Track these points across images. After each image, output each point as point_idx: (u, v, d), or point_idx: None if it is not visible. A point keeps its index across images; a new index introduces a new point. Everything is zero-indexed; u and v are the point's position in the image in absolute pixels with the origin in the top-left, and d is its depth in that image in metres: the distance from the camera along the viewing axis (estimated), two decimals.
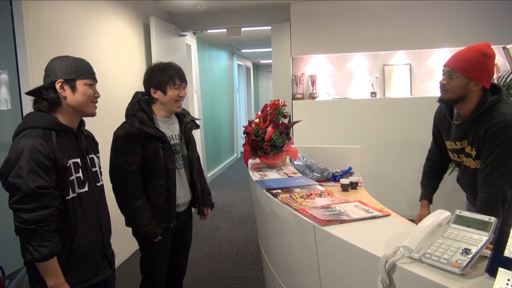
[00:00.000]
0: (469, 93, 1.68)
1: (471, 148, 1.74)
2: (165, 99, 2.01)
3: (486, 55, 1.66)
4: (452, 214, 1.02)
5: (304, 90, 4.61)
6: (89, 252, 1.56)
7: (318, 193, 1.63)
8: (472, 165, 1.79)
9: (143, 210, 1.93)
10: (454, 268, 0.85)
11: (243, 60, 9.55)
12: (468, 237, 0.93)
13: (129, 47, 3.75)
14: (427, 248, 0.94)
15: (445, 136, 1.94)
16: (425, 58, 4.39)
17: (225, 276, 3.17)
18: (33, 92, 1.51)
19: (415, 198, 4.46)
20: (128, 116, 2.00)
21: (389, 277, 0.96)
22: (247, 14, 4.66)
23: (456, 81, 1.67)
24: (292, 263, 1.64)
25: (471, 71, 1.65)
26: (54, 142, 1.45)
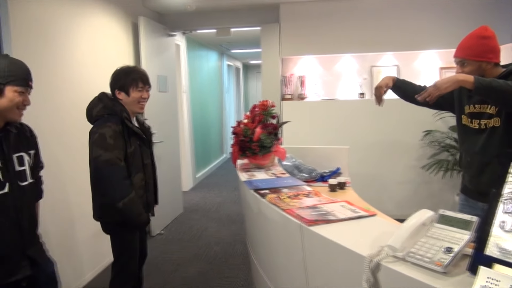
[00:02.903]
0: (485, 71, 1.83)
1: (494, 109, 1.82)
2: (128, 100, 2.12)
3: (485, 36, 1.84)
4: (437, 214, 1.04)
5: (293, 90, 4.63)
6: (3, 253, 1.54)
7: (306, 194, 1.64)
8: (491, 124, 1.84)
9: (136, 200, 2.03)
10: (437, 267, 0.87)
11: (232, 60, 9.54)
12: (450, 236, 0.95)
13: (117, 46, 3.72)
14: (411, 247, 0.95)
15: (465, 100, 1.98)
16: (412, 60, 4.44)
17: (213, 277, 3.17)
18: None
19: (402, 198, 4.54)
20: (106, 114, 2.05)
21: (374, 276, 0.97)
22: (237, 15, 4.66)
23: (469, 67, 1.84)
24: (279, 263, 1.65)
25: (478, 55, 1.82)
26: None
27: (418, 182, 4.26)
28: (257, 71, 11.66)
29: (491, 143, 1.86)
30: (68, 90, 2.95)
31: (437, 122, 4.06)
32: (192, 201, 5.45)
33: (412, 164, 4.26)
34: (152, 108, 4.02)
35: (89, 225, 3.14)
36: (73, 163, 2.97)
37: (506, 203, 0.87)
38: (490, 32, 1.86)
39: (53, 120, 2.78)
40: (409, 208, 1.08)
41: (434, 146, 4.14)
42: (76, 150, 3.00)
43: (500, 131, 1.83)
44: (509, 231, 0.84)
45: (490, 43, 1.84)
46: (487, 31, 1.86)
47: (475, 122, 1.93)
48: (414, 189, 4.30)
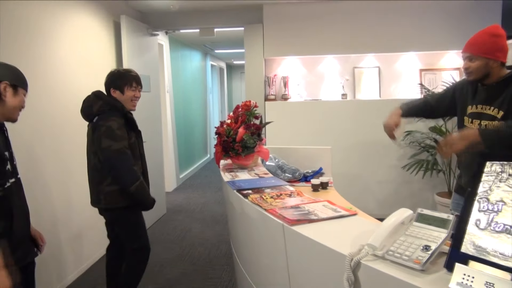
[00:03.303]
0: (491, 70, 1.86)
1: (497, 111, 1.85)
2: (122, 98, 2.36)
3: (496, 34, 1.86)
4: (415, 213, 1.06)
5: (276, 91, 4.65)
6: (23, 235, 1.69)
7: (288, 193, 1.65)
8: (494, 127, 1.86)
9: (144, 184, 2.30)
10: (415, 265, 0.89)
11: (216, 60, 9.52)
12: (428, 235, 0.97)
13: (99, 45, 3.66)
14: (390, 246, 0.97)
15: (469, 100, 2.02)
16: (393, 62, 4.52)
17: (197, 278, 3.15)
18: None
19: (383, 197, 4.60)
20: (107, 109, 2.26)
21: (354, 275, 0.98)
22: (220, 15, 4.65)
23: (477, 62, 1.86)
24: (262, 263, 1.66)
25: (487, 51, 1.84)
26: None
27: (399, 182, 4.34)
28: (241, 71, 11.66)
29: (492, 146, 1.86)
30: (51, 89, 2.91)
31: (418, 123, 4.13)
32: (176, 202, 5.42)
33: (393, 164, 4.33)
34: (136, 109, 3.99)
35: (72, 225, 3.10)
36: (55, 163, 2.92)
37: (481, 201, 0.89)
38: (501, 31, 1.88)
39: (36, 120, 2.72)
40: (390, 207, 1.10)
41: (414, 147, 4.22)
42: (57, 150, 2.95)
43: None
44: (484, 228, 0.86)
45: (500, 41, 1.86)
46: (499, 29, 1.88)
47: (475, 123, 1.95)
48: (395, 188, 4.37)
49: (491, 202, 0.88)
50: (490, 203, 0.88)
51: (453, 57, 4.42)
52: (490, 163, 0.91)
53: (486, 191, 0.89)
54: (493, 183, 0.89)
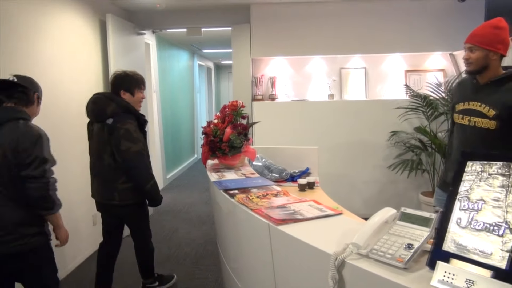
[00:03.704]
0: (490, 62, 1.89)
1: (488, 109, 1.89)
2: (132, 99, 2.50)
3: (498, 27, 1.90)
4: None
5: (264, 91, 4.66)
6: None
7: (274, 193, 1.65)
8: (485, 125, 1.91)
9: (156, 182, 2.52)
10: (398, 263, 0.90)
11: (204, 60, 9.48)
12: (411, 233, 0.98)
13: (84, 44, 3.62)
14: (374, 244, 0.98)
15: (460, 98, 2.07)
16: (379, 63, 4.56)
17: (183, 278, 3.14)
18: (18, 88, 1.86)
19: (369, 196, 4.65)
20: (121, 112, 2.39)
21: (339, 273, 0.99)
22: (208, 15, 4.64)
23: (477, 53, 1.90)
24: (248, 263, 1.66)
25: (488, 43, 1.88)
26: None
27: (384, 182, 4.38)
28: (228, 71, 11.64)
29: (479, 142, 1.93)
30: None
31: (403, 123, 4.19)
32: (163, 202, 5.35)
33: (379, 164, 4.38)
34: None
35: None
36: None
37: (462, 200, 0.91)
38: (504, 24, 1.91)
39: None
40: (376, 207, 1.12)
41: (400, 147, 4.27)
42: None
43: (494, 135, 1.89)
44: (465, 227, 0.88)
45: (501, 34, 1.90)
46: (501, 22, 1.92)
47: (465, 119, 2.01)
48: (380, 188, 4.41)
49: (471, 201, 0.89)
50: (471, 202, 0.89)
51: (437, 58, 4.49)
52: (471, 163, 0.93)
53: (467, 190, 0.91)
54: (474, 182, 0.91)
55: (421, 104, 4.01)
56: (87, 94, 3.59)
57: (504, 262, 0.79)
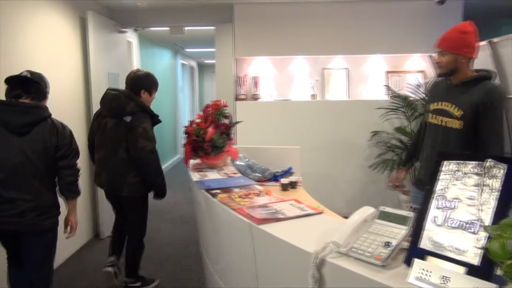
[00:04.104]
0: (459, 65, 1.98)
1: (457, 109, 1.99)
2: (149, 99, 2.73)
3: (465, 31, 1.98)
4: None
5: (247, 91, 4.66)
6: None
7: (256, 193, 1.66)
8: (453, 125, 2.01)
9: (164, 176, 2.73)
10: (377, 261, 0.92)
11: (187, 59, 9.42)
12: (389, 231, 1.00)
13: (64, 42, 3.55)
14: (354, 243, 0.99)
15: (434, 98, 2.16)
16: (361, 63, 4.62)
17: (165, 279, 3.12)
18: (34, 84, 2.04)
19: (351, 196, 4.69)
20: (138, 110, 2.55)
21: (319, 272, 1.00)
22: (190, 13, 4.61)
23: (447, 57, 1.99)
24: (230, 262, 1.66)
25: (456, 47, 1.97)
26: None
27: (365, 181, 4.44)
28: (212, 70, 11.59)
29: (450, 142, 2.02)
30: None
31: (384, 123, 4.25)
32: None
33: (361, 164, 4.43)
34: None
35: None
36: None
37: (439, 199, 0.93)
38: (470, 28, 1.99)
39: None
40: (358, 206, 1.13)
41: (381, 147, 4.34)
42: None
43: (460, 134, 1.98)
44: (441, 225, 0.90)
45: (467, 38, 1.98)
46: (468, 26, 2.00)
47: (438, 118, 2.09)
48: (362, 187, 4.47)
49: (447, 199, 0.92)
50: (447, 200, 0.92)
51: (417, 60, 4.57)
52: (447, 162, 0.95)
53: (443, 189, 0.93)
54: (450, 181, 0.93)
55: (402, 105, 4.08)
56: (67, 92, 3.56)
57: (478, 258, 0.81)
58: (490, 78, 2.02)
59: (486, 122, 1.92)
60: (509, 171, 0.85)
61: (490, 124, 1.92)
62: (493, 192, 0.85)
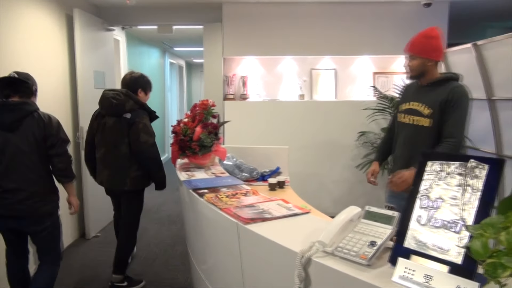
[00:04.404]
0: (427, 68, 2.12)
1: (425, 108, 2.12)
2: (145, 98, 2.88)
3: (431, 36, 2.11)
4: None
5: (235, 90, 4.65)
6: None
7: (244, 193, 1.66)
8: (422, 123, 2.14)
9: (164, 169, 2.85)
10: (362, 260, 0.93)
11: (175, 58, 9.36)
12: (375, 231, 1.01)
13: (50, 39, 3.49)
14: (340, 242, 1.00)
15: (404, 99, 2.29)
16: (348, 64, 4.65)
17: (152, 279, 3.09)
18: (21, 83, 2.19)
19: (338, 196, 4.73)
20: (137, 108, 2.70)
21: (305, 271, 1.01)
22: (179, 12, 4.59)
23: (415, 62, 2.14)
24: (217, 262, 1.66)
25: (423, 52, 2.10)
26: None
27: (352, 181, 4.48)
28: (200, 69, 11.54)
29: (420, 139, 2.13)
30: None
31: (371, 124, 4.29)
32: None
33: (348, 164, 4.47)
34: (88, 106, 3.84)
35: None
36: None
37: (422, 199, 0.94)
38: (435, 33, 2.13)
39: None
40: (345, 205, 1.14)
41: (367, 147, 4.37)
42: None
43: (428, 132, 2.10)
44: (424, 224, 0.91)
45: (434, 42, 2.11)
46: (433, 31, 2.13)
47: (407, 118, 2.20)
48: (349, 187, 4.50)
49: (431, 199, 0.93)
50: (430, 200, 0.93)
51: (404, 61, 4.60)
52: (431, 163, 0.97)
53: (427, 189, 0.95)
54: (433, 181, 0.94)
55: (388, 106, 4.12)
56: (53, 90, 3.51)
57: (460, 257, 0.83)
58: (457, 79, 2.15)
59: (448, 117, 2.05)
60: (490, 171, 0.86)
61: (452, 119, 2.04)
62: (475, 192, 0.87)
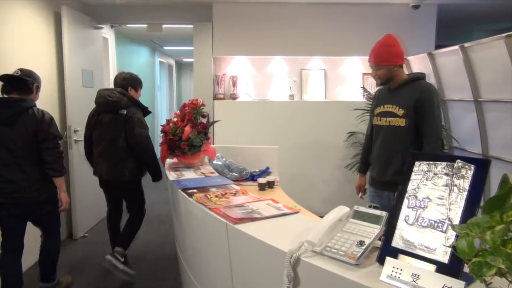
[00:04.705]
0: (394, 73, 2.22)
1: (398, 109, 2.20)
2: (136, 95, 3.07)
3: (390, 44, 2.23)
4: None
5: (225, 90, 4.64)
6: None
7: (233, 192, 1.66)
8: (397, 123, 2.22)
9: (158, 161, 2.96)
10: (350, 259, 0.93)
11: (165, 57, 9.31)
12: (363, 230, 1.02)
13: (37, 37, 3.44)
14: (328, 242, 1.01)
15: (378, 103, 2.36)
16: (338, 65, 4.68)
17: (141, 279, 3.07)
18: (20, 81, 2.39)
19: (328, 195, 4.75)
20: (131, 104, 2.91)
21: (294, 271, 1.01)
22: (169, 11, 4.56)
23: (381, 71, 2.22)
24: (206, 262, 1.65)
25: (386, 60, 2.20)
26: None
27: (342, 181, 4.50)
28: (190, 69, 11.49)
29: (397, 139, 2.21)
30: None
31: (360, 124, 4.32)
32: None
33: (337, 164, 4.49)
34: (76, 104, 3.80)
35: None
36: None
37: (410, 198, 0.95)
38: (393, 40, 2.25)
39: None
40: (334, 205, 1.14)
41: (357, 147, 4.40)
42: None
43: (404, 131, 2.18)
44: (412, 224, 0.92)
45: (394, 50, 2.22)
46: (391, 39, 2.25)
47: (383, 120, 2.28)
48: (338, 187, 4.53)
49: (418, 199, 0.94)
50: (418, 200, 0.94)
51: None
52: (419, 163, 0.98)
53: (415, 189, 0.96)
54: (421, 181, 0.95)
55: None
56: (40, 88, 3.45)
57: (447, 256, 0.84)
58: (424, 78, 2.26)
59: (424, 115, 2.13)
60: (476, 171, 0.87)
61: (427, 117, 2.13)
62: (462, 192, 0.88)
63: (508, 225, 0.71)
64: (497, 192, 0.77)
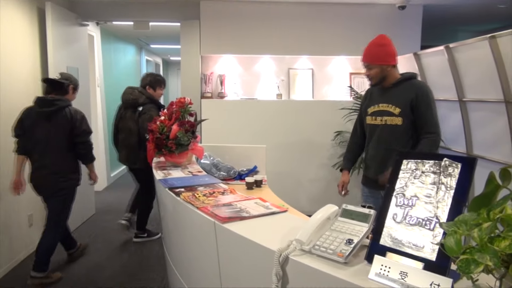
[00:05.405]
0: (387, 72, 2.24)
1: (395, 107, 2.22)
2: (155, 93, 3.56)
3: (382, 44, 2.25)
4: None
5: (213, 89, 4.62)
6: None
7: (221, 191, 1.65)
8: (394, 122, 2.24)
9: None
10: (339, 258, 0.93)
11: (152, 55, 9.23)
12: (351, 229, 1.02)
13: (20, 34, 3.37)
14: (317, 240, 1.00)
15: (371, 102, 2.36)
16: (325, 64, 4.70)
17: (127, 279, 3.04)
18: (57, 84, 2.90)
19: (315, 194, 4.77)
20: (148, 102, 3.46)
21: (283, 269, 1.01)
22: (156, 8, 4.52)
23: (374, 70, 2.23)
24: (193, 261, 1.64)
25: (379, 60, 2.21)
26: None
27: (329, 180, 4.52)
28: (177, 67, 11.41)
29: (393, 138, 2.22)
30: None
31: (347, 123, 4.34)
32: (106, 202, 5.17)
33: (324, 163, 4.51)
34: None
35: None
36: None
37: (398, 197, 0.96)
38: (386, 40, 2.27)
39: None
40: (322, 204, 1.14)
41: (344, 146, 4.42)
42: None
43: (401, 129, 2.20)
44: (400, 222, 0.93)
45: (387, 49, 2.24)
46: (384, 39, 2.27)
47: (378, 119, 2.28)
48: (325, 186, 4.55)
49: (406, 197, 0.94)
50: (406, 198, 0.94)
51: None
52: (406, 161, 0.98)
53: (403, 187, 0.96)
54: (409, 180, 0.96)
55: None
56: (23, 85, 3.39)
57: (434, 254, 0.84)
58: (416, 77, 2.31)
59: (422, 113, 2.16)
60: (463, 170, 0.88)
61: (426, 114, 2.16)
62: (449, 190, 0.88)
63: (495, 223, 0.71)
64: (484, 190, 0.78)
